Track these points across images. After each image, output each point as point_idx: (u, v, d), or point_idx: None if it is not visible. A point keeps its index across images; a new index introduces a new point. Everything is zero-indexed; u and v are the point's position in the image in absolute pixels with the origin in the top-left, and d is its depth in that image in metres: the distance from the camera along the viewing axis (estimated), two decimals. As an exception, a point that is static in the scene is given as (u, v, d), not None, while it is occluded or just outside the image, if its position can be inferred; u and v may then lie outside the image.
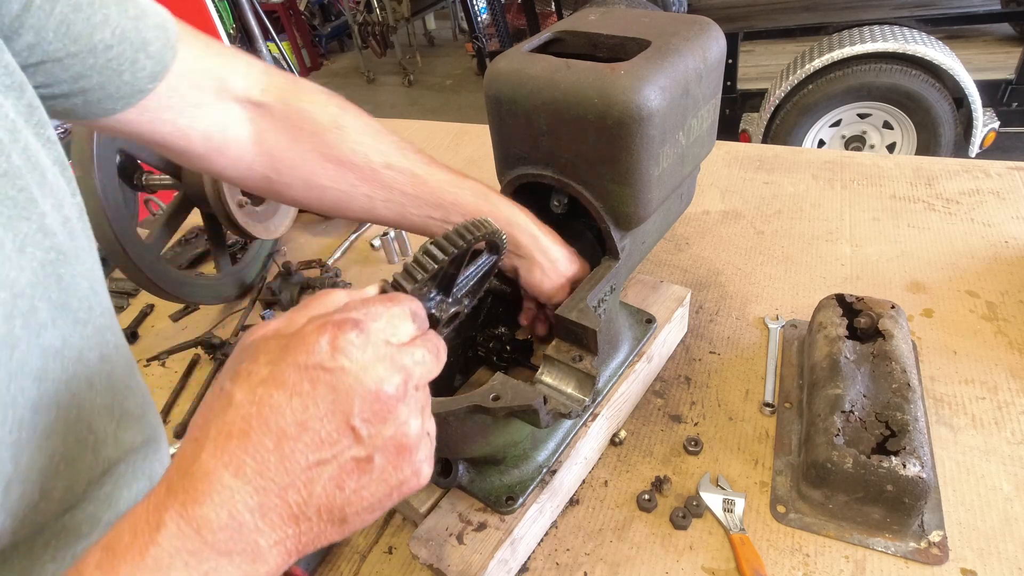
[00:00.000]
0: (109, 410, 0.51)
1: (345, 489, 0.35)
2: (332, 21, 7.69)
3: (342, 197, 0.72)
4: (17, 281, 0.40)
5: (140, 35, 0.55)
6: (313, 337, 0.35)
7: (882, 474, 0.70)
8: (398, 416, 0.36)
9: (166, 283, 1.13)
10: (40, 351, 0.42)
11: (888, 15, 3.23)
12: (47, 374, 0.43)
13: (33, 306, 0.41)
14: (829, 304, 0.93)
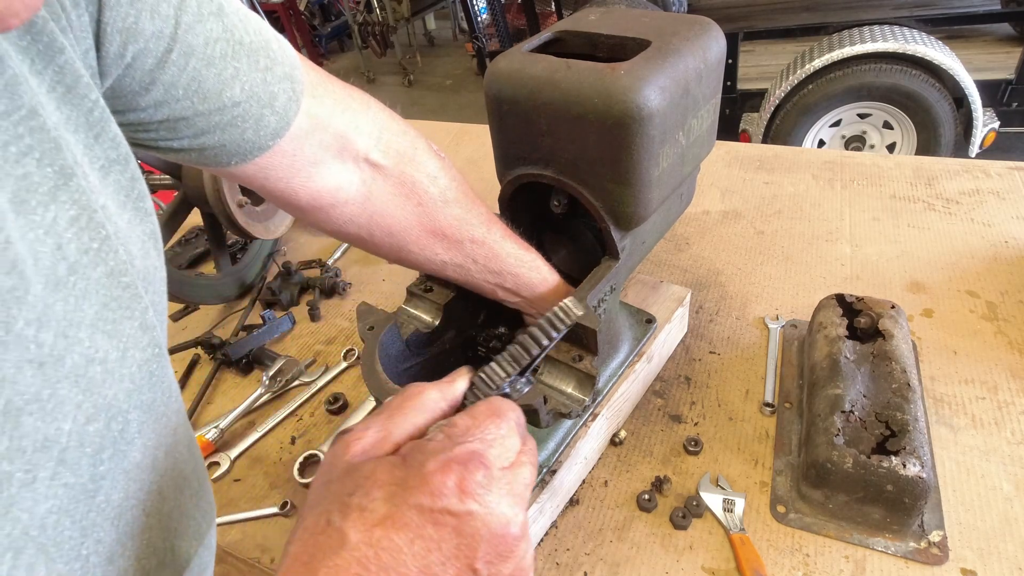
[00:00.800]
0: (170, 516, 0.45)
1: None
2: (332, 21, 7.69)
3: (421, 259, 0.73)
4: (116, 398, 0.36)
5: (268, 89, 0.50)
6: (438, 478, 0.33)
7: (882, 474, 0.70)
8: (518, 552, 0.35)
9: (166, 283, 1.13)
10: (124, 478, 0.38)
11: (888, 15, 3.23)
12: (125, 507, 0.38)
13: (126, 421, 0.37)
14: (829, 304, 0.93)
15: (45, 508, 0.31)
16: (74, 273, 0.33)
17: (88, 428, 0.33)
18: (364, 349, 0.76)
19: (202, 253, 1.50)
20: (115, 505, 0.37)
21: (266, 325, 1.19)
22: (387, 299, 1.26)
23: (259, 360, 1.14)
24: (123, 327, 0.37)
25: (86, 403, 0.33)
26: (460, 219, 0.71)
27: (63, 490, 0.32)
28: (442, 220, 0.70)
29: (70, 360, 0.32)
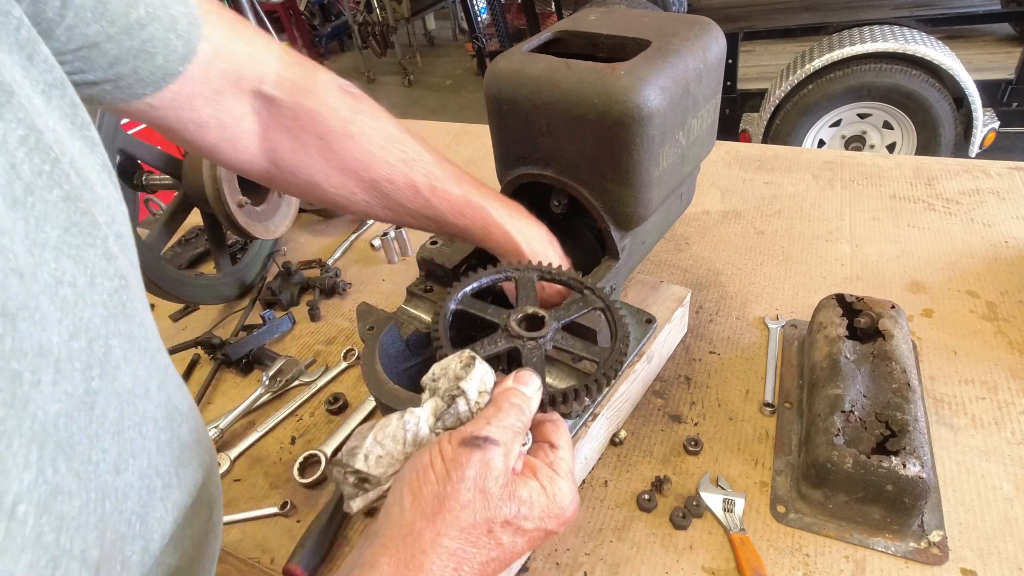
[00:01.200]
0: (170, 447, 0.47)
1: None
2: (332, 21, 7.69)
3: (341, 200, 0.71)
4: (92, 321, 0.37)
5: (168, 12, 0.51)
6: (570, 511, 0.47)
7: (882, 474, 0.70)
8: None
9: (166, 283, 1.13)
10: (116, 399, 0.40)
11: (888, 15, 3.23)
12: (123, 422, 0.41)
13: (107, 346, 0.39)
14: (829, 304, 0.94)
15: (54, 410, 0.33)
16: (31, 194, 0.34)
17: (72, 345, 0.35)
18: (364, 349, 0.76)
19: (202, 253, 1.50)
20: (112, 422, 0.39)
21: (266, 325, 1.19)
22: (387, 299, 1.26)
23: (259, 360, 1.14)
24: (87, 254, 0.38)
25: (65, 320, 0.35)
26: (373, 156, 0.67)
27: (65, 397, 0.34)
28: (349, 157, 0.66)
29: (42, 277, 0.33)
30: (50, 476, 0.32)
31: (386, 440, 0.46)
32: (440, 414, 0.47)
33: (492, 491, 0.42)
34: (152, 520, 0.43)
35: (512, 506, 0.42)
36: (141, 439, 0.42)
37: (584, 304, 0.62)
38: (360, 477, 0.46)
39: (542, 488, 0.44)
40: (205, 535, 0.52)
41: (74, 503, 0.34)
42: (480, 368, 0.49)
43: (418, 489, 0.42)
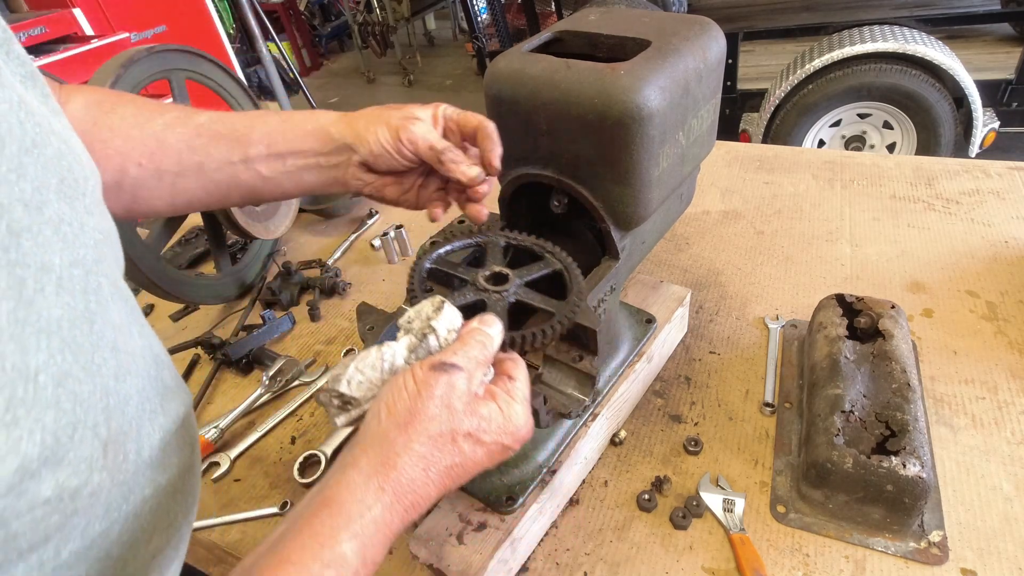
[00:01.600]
0: (155, 381, 0.53)
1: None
2: (332, 21, 7.69)
3: (162, 197, 0.69)
4: (86, 259, 0.44)
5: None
6: (524, 430, 0.55)
7: (882, 474, 0.70)
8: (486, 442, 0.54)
9: (166, 283, 1.13)
10: (111, 326, 0.46)
11: (888, 15, 3.23)
12: (118, 345, 0.46)
13: (98, 283, 0.45)
14: (829, 304, 0.94)
15: (57, 314, 0.39)
16: (36, 146, 0.41)
17: (73, 271, 0.41)
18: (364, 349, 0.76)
19: (202, 253, 1.50)
20: (109, 341, 0.45)
21: (266, 325, 1.19)
22: (387, 299, 1.26)
23: (259, 360, 1.14)
24: (76, 204, 0.44)
25: (66, 251, 0.41)
26: (134, 140, 0.66)
27: (67, 308, 0.40)
28: (113, 152, 0.65)
29: (47, 212, 0.40)
30: (59, 361, 0.38)
31: (366, 369, 0.53)
32: (413, 348, 0.54)
33: (456, 407, 0.49)
34: (144, 433, 0.49)
35: (473, 420, 0.50)
36: (133, 363, 0.49)
37: (545, 265, 0.70)
38: (343, 400, 0.53)
39: (499, 409, 0.52)
40: (188, 469, 0.57)
41: (83, 387, 0.40)
42: (449, 311, 0.56)
43: (393, 404, 0.49)
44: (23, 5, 3.48)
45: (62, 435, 0.38)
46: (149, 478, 0.50)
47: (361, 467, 0.47)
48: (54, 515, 0.39)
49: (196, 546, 0.87)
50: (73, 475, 0.39)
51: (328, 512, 0.45)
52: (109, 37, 3.17)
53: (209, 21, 3.99)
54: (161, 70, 1.12)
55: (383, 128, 0.66)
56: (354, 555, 0.44)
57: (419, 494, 0.48)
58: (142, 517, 0.50)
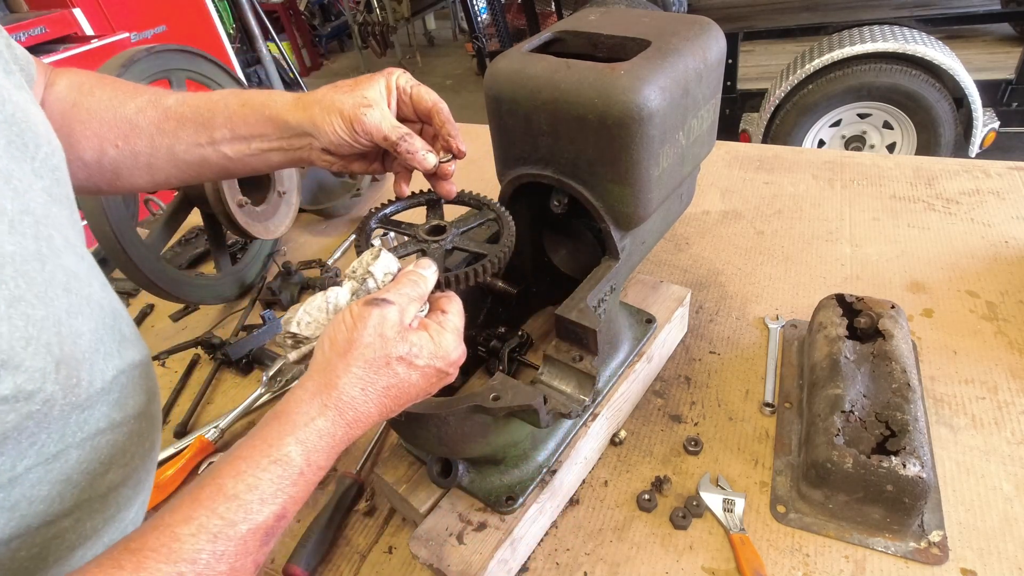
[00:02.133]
0: (112, 329, 0.58)
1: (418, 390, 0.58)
2: (332, 21, 7.69)
3: (134, 172, 0.72)
4: (35, 209, 0.48)
5: None
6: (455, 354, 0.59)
7: (882, 474, 0.70)
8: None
9: (166, 283, 1.13)
10: (62, 270, 0.51)
11: (888, 15, 3.23)
12: (71, 288, 0.52)
13: (51, 234, 0.50)
14: (829, 304, 0.93)
15: (11, 249, 0.45)
16: None
17: (24, 218, 0.47)
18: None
19: (202, 253, 1.50)
20: (60, 283, 0.50)
21: (266, 325, 1.19)
22: (387, 299, 1.26)
23: (259, 360, 1.14)
24: (24, 166, 0.50)
25: (16, 200, 0.47)
26: (107, 118, 0.69)
27: (19, 246, 0.46)
28: (91, 131, 0.69)
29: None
30: (12, 287, 0.44)
31: (313, 311, 0.59)
32: (355, 291, 0.61)
33: (388, 335, 0.54)
34: (97, 367, 0.54)
35: (404, 346, 0.55)
36: (87, 307, 0.54)
37: (480, 216, 0.75)
38: (296, 339, 0.59)
39: (430, 337, 0.57)
40: (145, 415, 0.62)
41: (36, 311, 0.46)
42: (385, 256, 0.62)
43: (334, 337, 0.54)
44: (23, 5, 3.48)
45: (16, 345, 0.43)
46: (104, 413, 0.55)
47: (307, 387, 0.52)
48: (11, 414, 0.44)
49: (196, 546, 0.87)
50: (28, 380, 0.44)
51: (277, 422, 0.51)
52: (109, 37, 3.16)
53: (209, 21, 3.98)
54: (161, 70, 1.12)
55: (336, 118, 0.66)
56: (299, 456, 0.49)
57: (359, 411, 0.53)
58: (99, 449, 0.55)
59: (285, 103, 0.69)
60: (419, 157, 0.68)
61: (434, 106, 0.70)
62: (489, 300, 0.91)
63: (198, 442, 0.97)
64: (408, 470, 0.81)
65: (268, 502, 0.47)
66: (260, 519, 0.47)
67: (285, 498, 0.48)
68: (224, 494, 0.46)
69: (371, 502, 0.88)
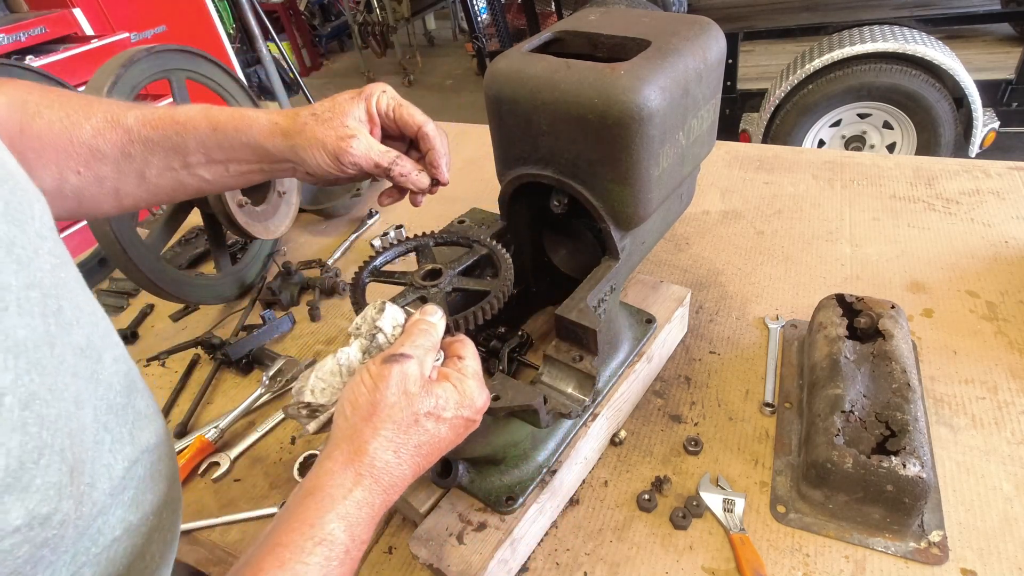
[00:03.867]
0: (124, 409, 0.52)
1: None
2: (332, 21, 7.69)
3: (98, 197, 0.67)
4: (43, 281, 0.43)
5: None
6: (479, 401, 0.58)
7: (882, 474, 0.70)
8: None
9: (166, 283, 1.13)
10: (71, 349, 0.45)
11: (888, 15, 3.23)
12: (78, 371, 0.46)
13: (59, 306, 0.44)
14: (829, 304, 0.93)
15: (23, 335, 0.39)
16: None
17: (30, 293, 0.41)
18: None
19: (202, 253, 1.50)
20: (70, 365, 0.44)
21: (266, 325, 1.19)
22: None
23: (259, 360, 1.14)
24: (27, 228, 0.43)
25: (21, 272, 0.41)
26: (66, 134, 0.63)
27: (29, 329, 0.40)
28: (50, 147, 0.63)
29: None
30: (27, 382, 0.38)
31: (326, 376, 0.57)
32: (365, 349, 0.59)
33: (412, 391, 0.53)
34: (102, 464, 0.48)
35: (430, 400, 0.53)
36: (93, 389, 0.48)
37: (472, 253, 0.75)
38: (311, 409, 0.57)
39: (454, 387, 0.55)
40: (166, 505, 0.57)
41: (50, 410, 0.40)
42: (391, 309, 0.60)
43: (355, 400, 0.52)
44: (23, 5, 3.48)
45: (27, 460, 0.37)
46: (119, 517, 0.49)
47: (335, 458, 0.50)
48: (24, 545, 0.37)
49: (196, 546, 0.87)
50: (43, 502, 0.38)
51: (313, 499, 0.48)
52: (109, 37, 3.16)
53: (209, 21, 3.98)
54: (161, 70, 1.12)
55: (320, 152, 0.64)
56: (342, 533, 0.47)
57: (395, 475, 0.51)
58: (115, 561, 0.49)
59: (262, 130, 0.66)
60: (412, 179, 0.68)
61: (419, 130, 0.68)
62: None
63: (198, 442, 0.98)
64: (408, 470, 0.81)
65: None
66: None
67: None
68: None
69: (371, 502, 0.88)
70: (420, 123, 0.68)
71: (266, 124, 0.66)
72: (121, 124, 0.65)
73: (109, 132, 0.65)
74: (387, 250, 0.76)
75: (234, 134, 0.66)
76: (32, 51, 2.96)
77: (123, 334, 1.27)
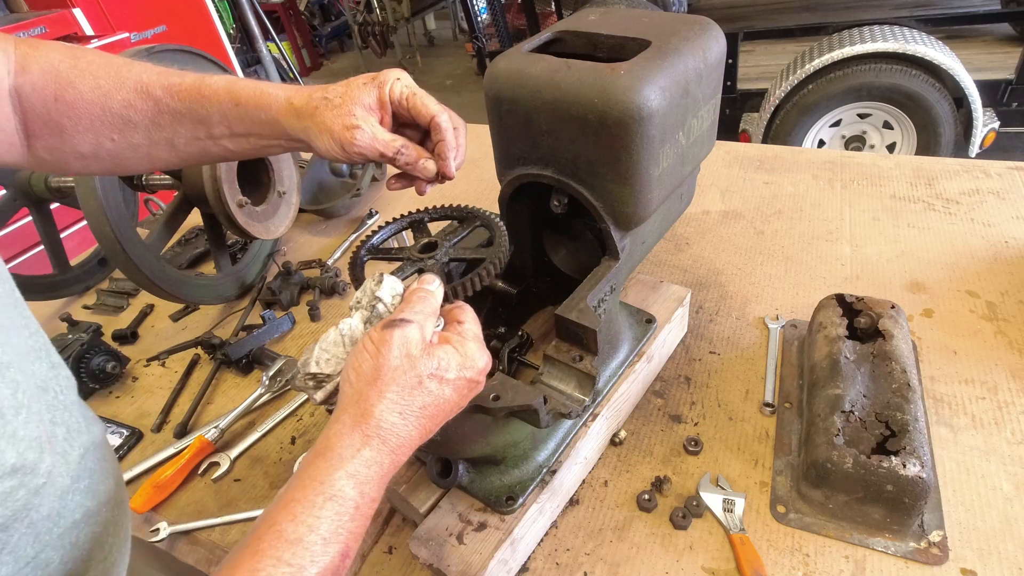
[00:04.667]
0: (77, 404, 0.58)
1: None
2: (332, 21, 7.69)
3: (128, 157, 0.71)
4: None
5: None
6: (481, 362, 0.58)
7: (882, 474, 0.70)
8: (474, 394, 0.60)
9: (166, 283, 1.13)
10: (12, 349, 0.49)
11: (888, 15, 3.23)
12: (36, 372, 0.51)
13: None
14: (829, 304, 0.93)
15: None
16: None
17: None
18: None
19: (202, 253, 1.50)
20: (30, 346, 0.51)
21: (266, 325, 1.19)
22: (387, 299, 1.26)
23: (259, 360, 1.14)
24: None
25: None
26: (101, 90, 0.67)
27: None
28: (82, 103, 0.66)
29: None
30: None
31: (329, 347, 0.59)
32: (367, 319, 0.60)
33: (414, 354, 0.54)
34: (58, 450, 0.51)
35: (432, 362, 0.54)
36: (43, 393, 0.52)
37: (467, 225, 0.76)
38: (317, 380, 0.59)
39: (455, 349, 0.56)
40: (117, 504, 0.60)
41: (24, 377, 0.46)
42: (388, 279, 0.61)
43: (359, 367, 0.53)
44: (23, 5, 3.48)
45: (8, 412, 0.42)
46: (78, 502, 0.52)
47: (344, 421, 0.51)
48: (20, 490, 0.42)
49: (196, 546, 0.87)
50: (28, 450, 0.43)
51: (323, 459, 0.50)
52: (109, 37, 3.16)
53: (209, 21, 3.98)
54: (161, 70, 1.12)
55: (327, 138, 0.65)
56: (352, 490, 0.48)
57: (401, 436, 0.52)
58: (78, 546, 0.52)
59: (280, 108, 0.67)
60: (419, 167, 0.68)
61: (432, 120, 0.68)
62: (489, 300, 0.91)
63: (198, 442, 0.98)
64: (408, 470, 0.81)
65: (331, 542, 0.46)
66: (327, 560, 0.45)
67: (346, 535, 0.47)
68: (286, 539, 0.45)
69: (371, 502, 0.88)
70: (433, 113, 0.68)
71: (284, 103, 0.67)
72: (151, 95, 0.68)
73: (139, 102, 0.67)
74: (382, 229, 0.77)
75: (255, 111, 0.68)
76: (32, 51, 2.95)
77: (123, 334, 1.28)
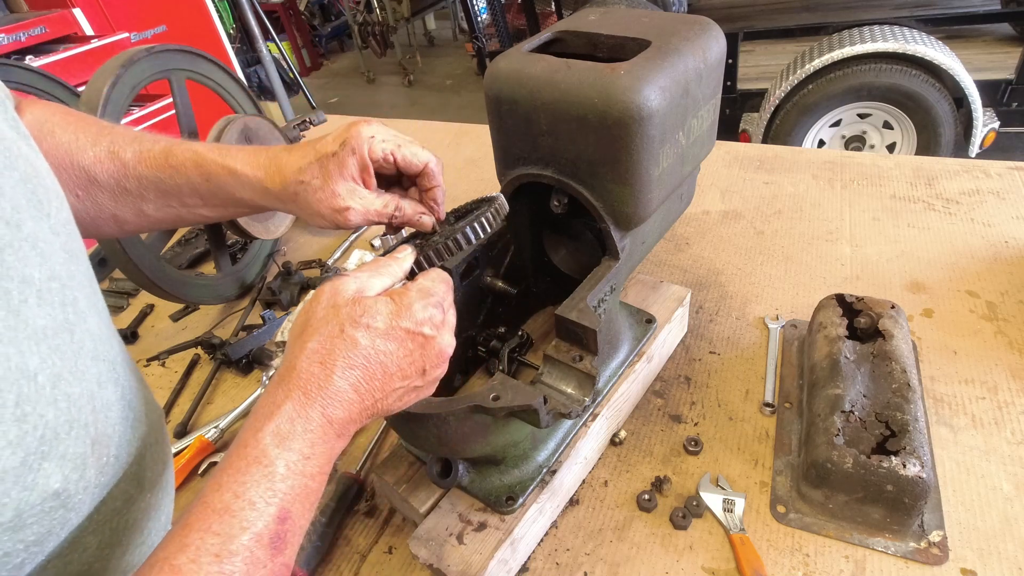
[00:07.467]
0: (139, 393, 0.56)
1: (404, 401, 0.55)
2: (332, 21, 7.69)
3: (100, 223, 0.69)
4: (60, 274, 0.46)
5: None
6: (423, 313, 0.53)
7: (882, 474, 0.70)
8: (443, 367, 0.57)
9: (166, 283, 1.13)
10: (89, 335, 0.48)
11: (888, 15, 3.23)
12: (99, 354, 0.49)
13: (75, 296, 0.47)
14: (829, 304, 0.93)
15: (43, 324, 0.42)
16: (7, 168, 0.44)
17: (51, 284, 0.44)
18: None
19: (202, 253, 1.50)
20: (89, 350, 0.48)
21: (266, 325, 1.19)
22: (387, 299, 1.26)
23: (259, 360, 1.14)
24: (42, 224, 0.46)
25: (43, 265, 0.44)
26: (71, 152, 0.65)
27: (49, 318, 0.43)
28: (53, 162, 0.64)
29: (25, 229, 0.43)
30: (51, 364, 0.42)
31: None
32: None
33: (340, 303, 0.52)
34: (125, 439, 0.52)
35: (357, 308, 0.51)
36: (114, 372, 0.52)
37: (465, 220, 0.74)
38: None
39: (389, 298, 0.53)
40: (162, 487, 0.60)
41: (74, 389, 0.44)
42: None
43: (295, 323, 0.53)
44: (23, 5, 3.48)
45: (61, 431, 0.41)
46: (122, 489, 0.51)
47: (273, 381, 0.51)
48: (59, 510, 0.42)
49: (196, 546, 0.87)
50: (74, 469, 0.42)
51: (249, 423, 0.48)
52: (109, 37, 3.16)
53: (209, 21, 3.98)
54: (161, 70, 1.12)
55: (319, 220, 0.65)
56: (276, 447, 0.46)
57: (326, 388, 0.49)
58: (118, 532, 0.51)
59: (255, 190, 0.66)
60: (416, 223, 0.68)
61: (424, 168, 0.66)
62: (489, 300, 0.91)
63: (198, 442, 0.98)
64: (408, 470, 0.81)
65: (262, 505, 0.44)
66: (260, 526, 0.43)
67: (280, 497, 0.44)
68: (212, 510, 0.43)
69: (371, 502, 0.88)
70: (424, 161, 0.66)
71: (257, 185, 0.66)
72: (119, 157, 0.66)
73: (107, 163, 0.66)
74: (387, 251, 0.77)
75: (228, 189, 0.67)
76: (32, 51, 2.96)
77: (123, 334, 1.27)
